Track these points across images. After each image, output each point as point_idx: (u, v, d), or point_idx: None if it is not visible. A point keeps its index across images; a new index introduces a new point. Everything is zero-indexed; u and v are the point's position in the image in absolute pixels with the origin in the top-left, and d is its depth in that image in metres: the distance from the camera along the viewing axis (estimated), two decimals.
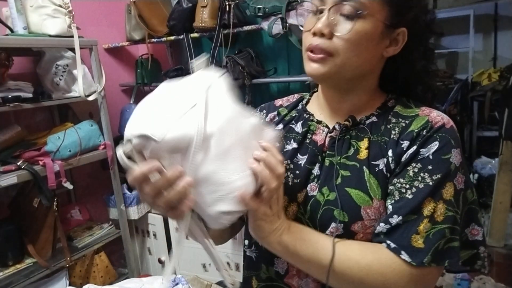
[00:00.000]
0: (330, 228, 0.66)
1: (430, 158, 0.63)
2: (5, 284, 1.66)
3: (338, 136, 0.70)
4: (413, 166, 0.63)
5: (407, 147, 0.65)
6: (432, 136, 0.64)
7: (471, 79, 3.99)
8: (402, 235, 0.61)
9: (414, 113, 0.68)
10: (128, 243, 2.23)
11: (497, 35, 4.23)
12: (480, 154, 3.80)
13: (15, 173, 1.64)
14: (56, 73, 1.89)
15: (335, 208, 0.65)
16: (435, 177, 0.61)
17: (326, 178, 0.69)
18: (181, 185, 0.54)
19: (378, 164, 0.66)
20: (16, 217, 1.89)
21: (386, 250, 0.61)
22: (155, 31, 2.23)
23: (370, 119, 0.71)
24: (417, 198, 0.61)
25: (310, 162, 0.72)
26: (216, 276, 2.19)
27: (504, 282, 2.23)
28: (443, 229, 0.60)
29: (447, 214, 0.61)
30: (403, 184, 0.63)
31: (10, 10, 1.74)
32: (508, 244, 2.71)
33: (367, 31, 0.63)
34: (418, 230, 0.60)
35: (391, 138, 0.67)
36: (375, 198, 0.64)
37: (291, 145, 0.75)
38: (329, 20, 0.64)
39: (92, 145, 1.98)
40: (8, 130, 1.72)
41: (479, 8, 4.06)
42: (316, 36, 0.65)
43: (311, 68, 0.67)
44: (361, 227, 0.64)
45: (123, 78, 2.55)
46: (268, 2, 1.91)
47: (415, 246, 0.60)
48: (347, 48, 0.63)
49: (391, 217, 0.62)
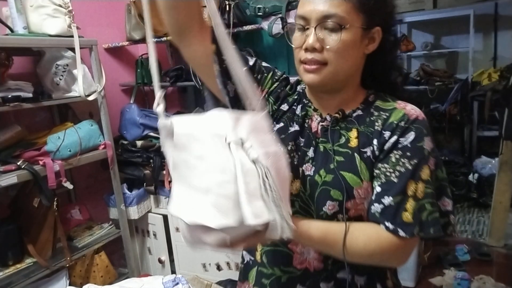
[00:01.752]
0: (327, 205, 0.77)
1: (408, 146, 0.75)
2: (5, 284, 1.66)
3: (330, 126, 0.81)
4: (395, 153, 0.75)
5: (389, 136, 0.76)
6: (408, 127, 0.76)
7: (471, 79, 3.99)
8: (395, 215, 0.73)
9: (392, 107, 0.80)
10: (128, 243, 2.23)
11: (497, 35, 4.23)
12: (480, 154, 3.80)
13: (15, 173, 1.64)
14: (56, 73, 1.89)
15: (331, 188, 0.76)
16: (413, 162, 0.74)
17: (322, 161, 0.79)
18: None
19: (366, 151, 0.77)
20: (16, 217, 1.89)
21: (385, 233, 0.73)
22: (155, 30, 2.21)
23: (356, 112, 0.82)
24: (401, 180, 0.73)
25: (305, 145, 0.82)
26: (216, 276, 2.19)
27: (504, 282, 2.23)
28: (424, 204, 0.73)
29: (426, 191, 0.73)
30: (388, 169, 0.75)
31: (10, 9, 1.74)
32: (508, 244, 2.71)
33: (351, 39, 0.74)
34: (406, 208, 0.72)
35: (375, 129, 0.78)
36: (364, 180, 0.76)
37: (294, 127, 0.84)
38: (317, 36, 0.74)
39: (92, 145, 1.98)
40: (8, 130, 1.72)
41: (479, 8, 4.05)
42: (308, 51, 0.75)
43: (308, 78, 0.77)
44: (353, 204, 0.76)
45: (123, 78, 2.55)
46: (268, 2, 1.91)
47: (406, 221, 0.72)
48: (337, 57, 0.75)
49: (382, 198, 0.74)
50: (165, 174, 2.18)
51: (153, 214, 2.38)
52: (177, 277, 1.55)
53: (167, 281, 1.59)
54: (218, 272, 2.23)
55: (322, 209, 0.77)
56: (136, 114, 2.26)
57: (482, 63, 4.21)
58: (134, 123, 2.25)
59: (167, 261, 2.41)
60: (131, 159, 2.22)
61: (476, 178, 3.51)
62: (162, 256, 2.42)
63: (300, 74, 0.80)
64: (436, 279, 2.34)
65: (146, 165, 2.23)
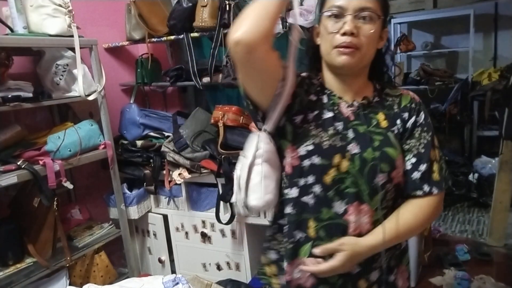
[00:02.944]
0: (378, 177, 0.92)
1: (423, 123, 0.98)
2: (5, 284, 1.66)
3: (361, 111, 0.97)
4: (417, 130, 0.97)
5: (408, 117, 0.97)
6: (419, 108, 0.99)
7: (471, 78, 3.99)
8: (429, 177, 0.95)
9: (399, 92, 1.01)
10: (128, 243, 2.23)
11: (497, 35, 4.23)
12: (480, 153, 3.80)
13: (15, 173, 1.64)
14: (56, 72, 1.89)
15: (380, 162, 0.92)
16: (430, 134, 0.97)
17: (365, 141, 0.94)
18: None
19: (394, 130, 0.97)
20: (16, 216, 1.89)
21: (421, 200, 0.95)
22: (155, 30, 2.23)
23: (375, 99, 0.99)
24: (426, 150, 0.95)
25: (343, 128, 0.95)
26: (216, 276, 2.19)
27: (504, 282, 2.23)
28: (441, 164, 0.97)
29: (439, 154, 0.97)
30: (415, 143, 0.96)
31: (10, 9, 1.74)
32: (508, 244, 2.71)
33: (376, 30, 0.91)
34: (433, 170, 0.95)
35: (395, 111, 0.98)
36: (398, 152, 0.95)
37: (327, 114, 0.96)
38: (354, 23, 0.88)
39: (92, 145, 1.98)
40: (8, 129, 1.72)
41: (479, 8, 4.06)
42: (346, 35, 0.88)
43: (342, 59, 0.90)
44: (396, 173, 0.94)
45: (123, 77, 2.55)
46: None
47: (435, 180, 0.95)
48: (367, 43, 0.90)
49: (418, 166, 0.95)
50: (165, 174, 2.18)
51: (153, 214, 2.38)
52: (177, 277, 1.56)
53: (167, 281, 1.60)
54: (218, 272, 2.24)
55: (373, 181, 0.92)
56: (136, 114, 2.26)
57: (482, 63, 4.21)
58: (134, 123, 2.25)
59: (167, 261, 2.41)
60: (131, 159, 2.22)
61: (476, 178, 3.51)
62: (162, 256, 2.42)
63: (332, 57, 0.92)
64: (436, 279, 2.34)
65: (146, 165, 2.23)
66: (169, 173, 2.17)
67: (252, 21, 0.81)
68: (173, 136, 2.15)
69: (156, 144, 2.21)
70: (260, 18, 0.81)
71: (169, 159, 2.12)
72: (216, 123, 2.13)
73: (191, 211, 2.25)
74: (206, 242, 2.22)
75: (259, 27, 0.80)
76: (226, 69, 2.05)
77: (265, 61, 0.85)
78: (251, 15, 0.81)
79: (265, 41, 0.81)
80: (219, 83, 2.13)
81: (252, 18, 0.81)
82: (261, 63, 0.85)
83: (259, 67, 0.85)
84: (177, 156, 2.08)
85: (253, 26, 0.80)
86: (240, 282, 2.05)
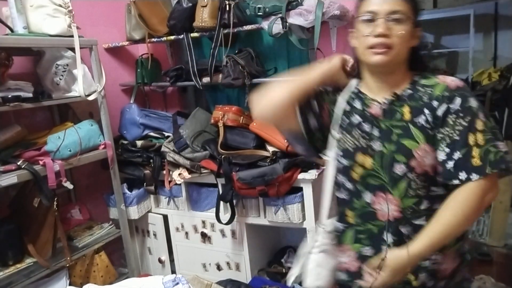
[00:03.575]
0: (395, 168, 1.00)
1: (458, 109, 0.96)
2: (5, 284, 1.67)
3: (387, 107, 1.04)
4: (450, 118, 0.97)
5: (438, 105, 0.99)
6: (453, 95, 0.98)
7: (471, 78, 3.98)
8: (466, 164, 0.94)
9: (435, 82, 1.03)
10: (128, 243, 2.23)
11: (497, 35, 4.23)
12: None
13: (15, 173, 1.65)
14: (56, 72, 1.89)
15: (395, 153, 1.00)
16: (467, 119, 0.95)
17: (385, 136, 1.02)
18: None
19: (419, 120, 1.00)
20: (16, 216, 1.89)
21: (462, 191, 0.95)
22: (155, 30, 2.23)
23: (407, 92, 1.04)
24: (462, 136, 0.95)
25: (370, 128, 1.05)
26: (216, 276, 2.19)
27: (504, 282, 2.23)
28: (488, 148, 0.94)
29: (486, 138, 0.94)
30: (448, 131, 0.97)
31: (10, 9, 1.74)
32: (508, 244, 2.71)
33: (407, 30, 0.99)
34: (473, 155, 0.94)
35: (424, 101, 1.01)
36: (420, 142, 0.98)
37: (356, 119, 1.08)
38: (386, 25, 0.97)
39: (92, 145, 1.98)
40: (8, 130, 1.72)
41: (479, 8, 4.05)
42: (379, 37, 0.97)
43: (377, 59, 0.99)
44: (416, 163, 0.98)
45: (123, 77, 2.55)
46: (268, 2, 1.91)
47: (475, 165, 0.93)
48: (400, 43, 0.98)
49: (452, 155, 0.96)
50: (165, 174, 2.18)
51: (153, 214, 2.38)
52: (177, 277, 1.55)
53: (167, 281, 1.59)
54: (218, 272, 2.24)
55: (393, 172, 1.00)
56: (136, 114, 2.26)
57: (482, 63, 4.20)
58: (134, 123, 2.25)
59: (167, 261, 2.41)
60: (131, 159, 2.22)
61: None
62: (162, 256, 2.42)
63: (366, 58, 1.01)
64: None
65: (146, 165, 2.23)
66: (169, 173, 2.17)
67: (269, 101, 1.08)
68: (173, 136, 2.15)
69: (156, 144, 2.21)
70: (277, 99, 1.06)
71: (169, 159, 2.12)
72: (216, 123, 2.13)
73: (191, 211, 2.25)
74: (206, 242, 2.22)
75: (275, 109, 1.07)
76: (226, 69, 2.05)
77: (289, 118, 1.10)
78: (269, 95, 1.08)
79: (281, 114, 1.08)
80: (219, 83, 2.13)
81: (270, 98, 1.08)
82: (286, 121, 1.11)
83: (286, 123, 1.13)
84: (177, 156, 2.08)
85: (268, 106, 1.08)
86: (240, 282, 2.05)
